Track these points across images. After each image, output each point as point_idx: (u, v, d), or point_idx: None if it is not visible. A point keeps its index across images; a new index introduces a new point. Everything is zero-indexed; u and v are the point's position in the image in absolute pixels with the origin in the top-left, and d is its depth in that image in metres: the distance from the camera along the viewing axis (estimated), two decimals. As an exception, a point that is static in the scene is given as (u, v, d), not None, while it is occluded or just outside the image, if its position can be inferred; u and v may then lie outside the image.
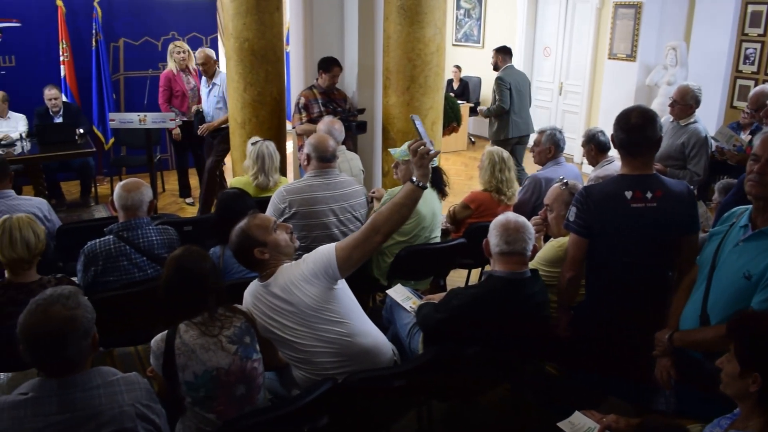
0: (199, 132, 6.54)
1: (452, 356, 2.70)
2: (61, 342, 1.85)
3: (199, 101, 6.76)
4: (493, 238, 2.73)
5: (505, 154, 4.29)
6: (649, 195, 2.69)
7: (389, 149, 4.22)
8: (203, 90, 6.66)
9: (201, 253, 2.46)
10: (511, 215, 2.79)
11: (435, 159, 2.61)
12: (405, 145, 3.95)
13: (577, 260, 2.85)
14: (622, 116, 2.75)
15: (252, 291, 2.65)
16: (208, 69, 6.50)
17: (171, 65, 6.90)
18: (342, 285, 2.64)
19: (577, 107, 9.29)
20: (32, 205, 3.98)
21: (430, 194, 3.92)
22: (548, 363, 3.17)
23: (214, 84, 6.47)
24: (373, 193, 4.44)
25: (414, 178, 2.53)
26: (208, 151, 6.67)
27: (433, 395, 2.96)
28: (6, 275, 2.92)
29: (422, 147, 2.49)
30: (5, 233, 2.83)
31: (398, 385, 2.56)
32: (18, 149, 6.40)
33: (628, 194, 2.70)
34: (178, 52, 6.86)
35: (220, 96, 6.42)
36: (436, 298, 3.09)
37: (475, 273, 4.59)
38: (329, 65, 5.52)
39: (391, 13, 5.10)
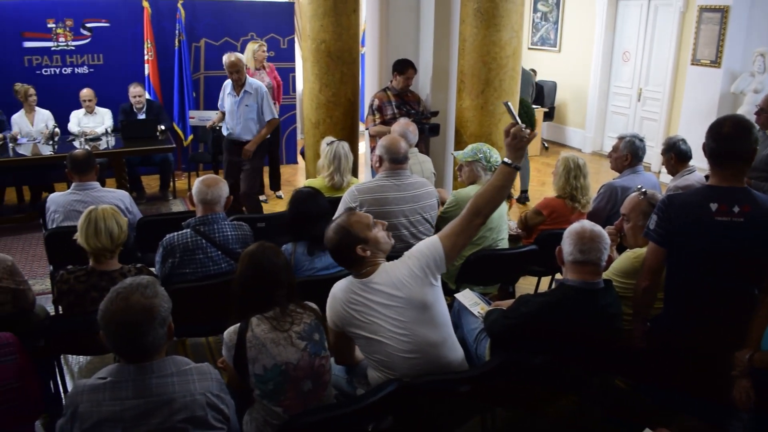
0: (244, 154, 5.73)
1: (519, 364, 2.66)
2: (140, 329, 1.92)
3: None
4: (567, 246, 2.67)
5: (581, 160, 4.19)
6: (736, 209, 2.58)
7: (453, 152, 4.20)
8: (227, 100, 5.81)
9: (275, 250, 2.51)
10: (587, 223, 2.72)
11: (498, 161, 2.63)
12: (469, 148, 3.93)
13: (654, 270, 2.76)
14: (715, 125, 2.66)
15: (345, 288, 2.59)
16: (240, 76, 5.67)
17: (249, 63, 7.04)
18: (439, 285, 2.64)
19: (656, 114, 9.00)
20: (115, 197, 4.15)
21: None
22: (617, 376, 3.09)
23: (245, 92, 5.68)
24: None
25: (507, 160, 2.58)
26: (231, 172, 5.88)
27: (498, 403, 2.92)
28: (90, 263, 3.04)
29: (516, 127, 2.54)
30: (90, 223, 2.95)
31: (464, 390, 2.54)
32: (103, 144, 6.70)
33: (713, 206, 2.60)
34: (264, 51, 7.02)
35: (254, 106, 5.69)
36: (505, 304, 3.05)
37: (545, 281, 4.50)
38: (404, 67, 5.54)
39: (467, 16, 5.07)
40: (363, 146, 7.04)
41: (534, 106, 9.09)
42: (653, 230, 2.73)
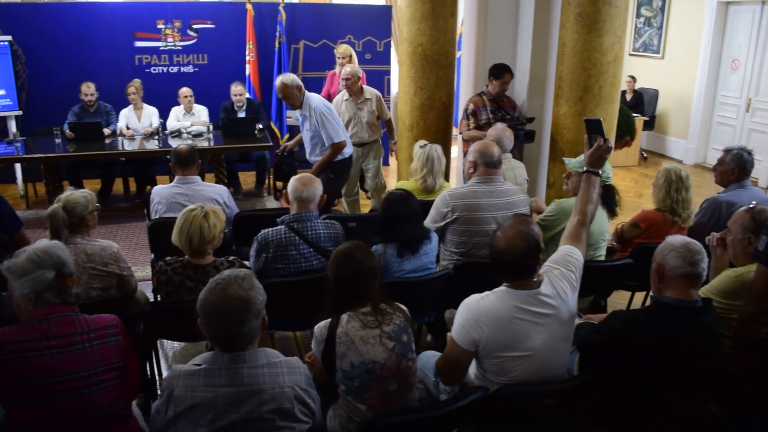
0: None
1: (608, 381, 2.57)
2: (236, 319, 1.99)
3: None
4: (674, 260, 2.52)
5: (684, 172, 4.01)
6: None
7: (564, 158, 4.10)
8: (301, 123, 5.47)
9: (363, 249, 2.54)
10: (687, 239, 2.60)
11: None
12: (581, 157, 3.83)
13: (763, 294, 2.59)
14: None
15: (505, 303, 2.44)
16: (294, 100, 5.19)
17: (337, 67, 7.18)
18: None
19: (766, 126, 8.50)
20: (214, 191, 4.31)
21: (599, 212, 3.77)
22: (713, 401, 2.93)
23: (304, 115, 5.29)
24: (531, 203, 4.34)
25: (591, 168, 2.85)
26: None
27: (583, 419, 2.83)
28: (186, 255, 3.17)
29: (605, 144, 2.83)
30: (186, 222, 3.08)
31: (549, 403, 2.48)
32: (204, 140, 6.98)
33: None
34: (342, 55, 7.11)
35: (314, 129, 5.24)
36: (597, 318, 2.96)
37: (639, 296, 4.34)
38: (500, 72, 5.48)
39: (568, 20, 4.96)
40: (455, 150, 7.01)
41: (633, 115, 8.80)
42: (763, 251, 2.56)
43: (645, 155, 9.98)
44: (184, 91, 7.40)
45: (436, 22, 5.44)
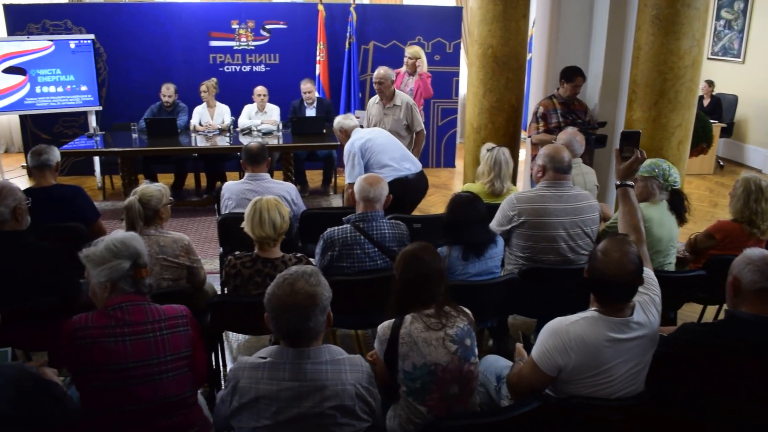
0: None
1: (675, 399, 2.48)
2: (303, 315, 2.01)
3: None
4: (752, 274, 2.40)
5: (764, 182, 3.83)
6: None
7: None
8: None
9: (431, 250, 2.54)
10: (766, 252, 2.48)
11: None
12: (647, 162, 3.73)
13: None
14: None
15: (595, 330, 2.33)
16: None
17: (404, 67, 7.21)
18: None
19: None
20: (283, 188, 4.38)
21: (668, 217, 3.66)
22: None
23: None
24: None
25: (628, 181, 2.92)
26: None
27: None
28: (255, 250, 3.23)
29: (640, 158, 2.93)
30: (256, 213, 3.13)
31: (614, 419, 2.41)
32: (274, 138, 7.11)
33: None
34: (411, 57, 7.11)
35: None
36: (666, 331, 2.86)
37: (711, 310, 4.18)
38: (572, 75, 5.38)
39: (644, 22, 4.82)
40: (523, 154, 6.92)
41: (711, 121, 8.49)
42: None
43: (721, 163, 9.61)
44: (259, 89, 7.55)
45: (507, 24, 5.38)
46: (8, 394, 2.18)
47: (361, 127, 5.51)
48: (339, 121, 5.36)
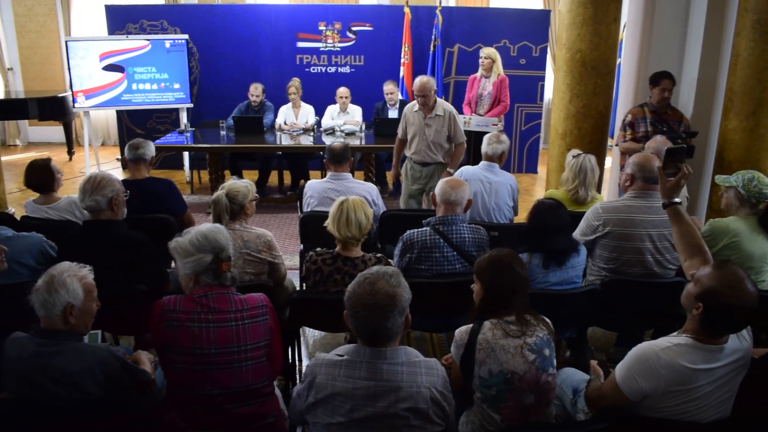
0: None
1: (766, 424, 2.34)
2: (381, 314, 2.02)
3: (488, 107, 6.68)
4: None
5: None
6: None
7: (717, 177, 3.82)
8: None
9: (518, 258, 2.50)
10: None
11: None
12: (736, 174, 3.55)
13: None
14: None
15: (688, 358, 2.21)
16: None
17: (480, 70, 7.09)
18: None
19: None
20: (364, 188, 4.42)
21: (759, 232, 3.47)
22: None
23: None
24: None
25: (676, 199, 2.77)
26: None
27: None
28: (336, 248, 3.27)
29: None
30: (343, 214, 3.17)
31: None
32: (356, 139, 7.19)
33: None
34: (486, 57, 6.99)
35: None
36: (758, 353, 2.71)
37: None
38: (658, 78, 5.15)
39: (744, 28, 4.61)
40: (609, 162, 6.72)
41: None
42: None
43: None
44: (342, 91, 7.66)
45: (597, 28, 5.25)
46: (96, 374, 2.30)
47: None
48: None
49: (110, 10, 8.62)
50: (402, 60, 8.32)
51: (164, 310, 2.35)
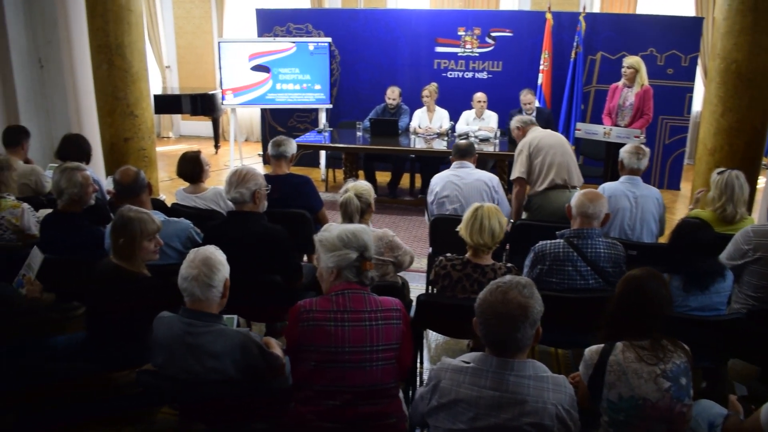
0: None
1: None
2: (512, 324, 2.00)
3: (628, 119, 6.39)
4: None
5: None
6: None
7: None
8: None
9: (661, 278, 2.40)
10: None
11: None
12: None
13: None
14: None
15: None
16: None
17: (622, 79, 6.66)
18: None
19: None
20: (485, 175, 4.61)
21: None
22: None
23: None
24: None
25: None
26: None
27: None
28: (467, 254, 3.26)
29: None
30: (477, 220, 3.17)
31: None
32: (490, 145, 7.13)
33: None
34: (629, 66, 6.60)
35: None
36: None
37: None
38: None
39: None
40: (761, 182, 6.25)
41: None
42: None
43: None
44: (479, 96, 7.62)
45: (756, 37, 4.91)
46: (235, 356, 2.45)
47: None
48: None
49: (260, 13, 9.10)
50: (541, 67, 8.16)
51: (301, 311, 2.43)
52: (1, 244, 3.72)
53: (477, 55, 8.59)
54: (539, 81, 8.15)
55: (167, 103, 9.78)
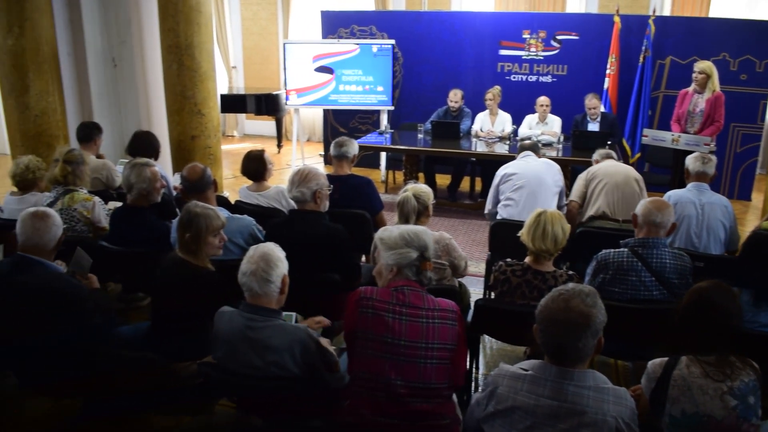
0: None
1: None
2: (573, 333, 1.97)
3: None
4: None
5: None
6: None
7: None
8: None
9: (731, 292, 2.32)
10: None
11: None
12: None
13: None
14: None
15: None
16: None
17: (693, 85, 6.40)
18: None
19: None
20: (550, 164, 4.73)
21: None
22: None
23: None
24: None
25: None
26: None
27: None
28: (527, 260, 3.23)
29: None
30: (540, 225, 3.13)
31: None
32: (553, 150, 7.03)
33: None
34: (700, 71, 6.36)
35: None
36: None
37: None
38: None
39: None
40: None
41: None
42: None
43: None
44: (542, 99, 7.53)
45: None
46: (295, 352, 2.49)
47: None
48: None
49: (325, 15, 9.21)
50: (607, 71, 7.98)
51: (361, 297, 2.45)
52: (74, 236, 3.87)
53: (542, 58, 8.48)
54: (605, 85, 7.99)
55: (233, 103, 10.00)
